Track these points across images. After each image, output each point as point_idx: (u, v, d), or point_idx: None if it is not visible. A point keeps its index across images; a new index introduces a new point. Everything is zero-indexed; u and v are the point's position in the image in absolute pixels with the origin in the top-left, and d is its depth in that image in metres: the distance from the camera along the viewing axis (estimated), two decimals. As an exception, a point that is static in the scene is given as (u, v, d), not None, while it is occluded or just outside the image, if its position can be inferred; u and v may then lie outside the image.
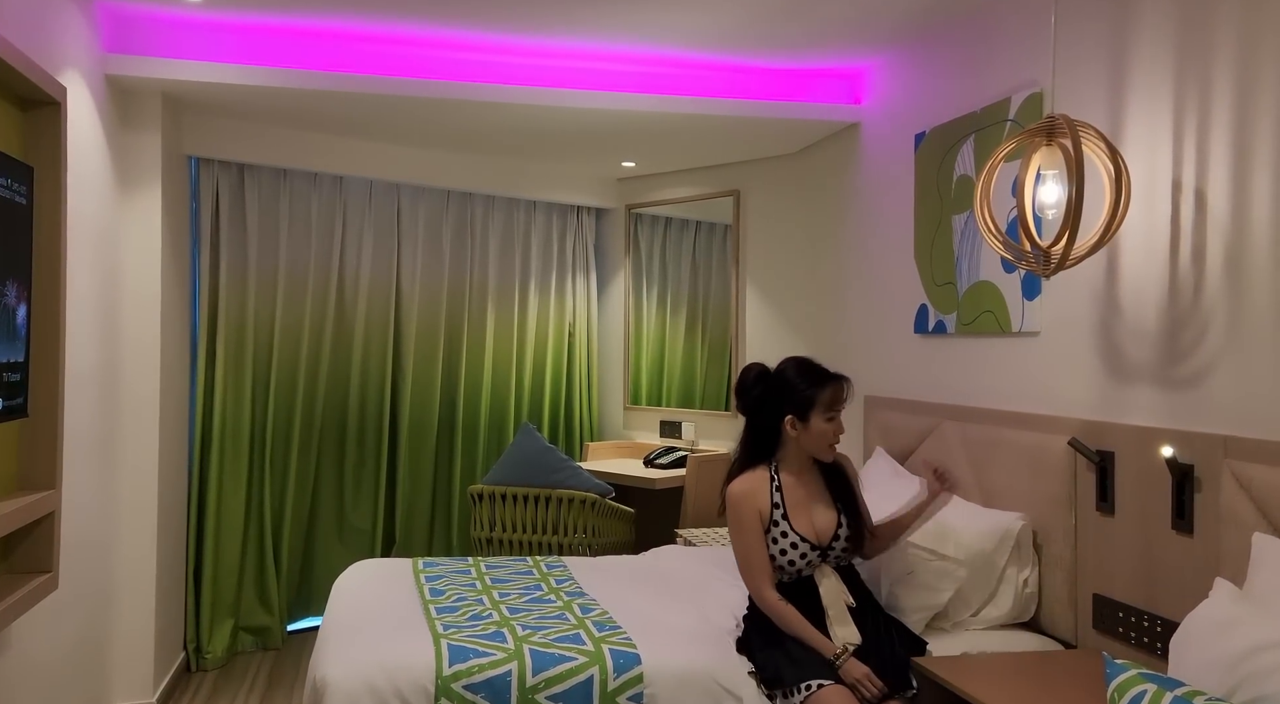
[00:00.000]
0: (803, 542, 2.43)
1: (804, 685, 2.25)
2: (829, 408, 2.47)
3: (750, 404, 2.56)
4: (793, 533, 2.43)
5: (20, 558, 2.36)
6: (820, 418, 2.47)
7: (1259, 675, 1.60)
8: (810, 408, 2.47)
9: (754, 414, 2.56)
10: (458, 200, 4.82)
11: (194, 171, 4.01)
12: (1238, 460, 2.07)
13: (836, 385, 2.48)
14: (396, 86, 3.50)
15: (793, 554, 2.43)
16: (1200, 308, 2.25)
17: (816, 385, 2.48)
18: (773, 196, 4.57)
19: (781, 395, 2.50)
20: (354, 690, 2.22)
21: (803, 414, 2.48)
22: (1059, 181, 2.38)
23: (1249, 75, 2.13)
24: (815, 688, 2.24)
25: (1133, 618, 2.36)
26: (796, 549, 2.43)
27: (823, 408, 2.47)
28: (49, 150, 2.39)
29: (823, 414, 2.47)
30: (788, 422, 2.48)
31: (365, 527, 4.54)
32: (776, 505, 2.47)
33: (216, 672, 3.92)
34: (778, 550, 2.45)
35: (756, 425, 2.55)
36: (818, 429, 2.48)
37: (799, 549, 2.43)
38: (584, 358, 5.26)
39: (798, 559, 2.44)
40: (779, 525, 2.45)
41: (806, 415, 2.47)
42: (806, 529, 2.45)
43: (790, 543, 2.43)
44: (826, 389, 2.47)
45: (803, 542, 2.43)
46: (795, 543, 2.43)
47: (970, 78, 3.18)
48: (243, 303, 4.12)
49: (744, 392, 2.57)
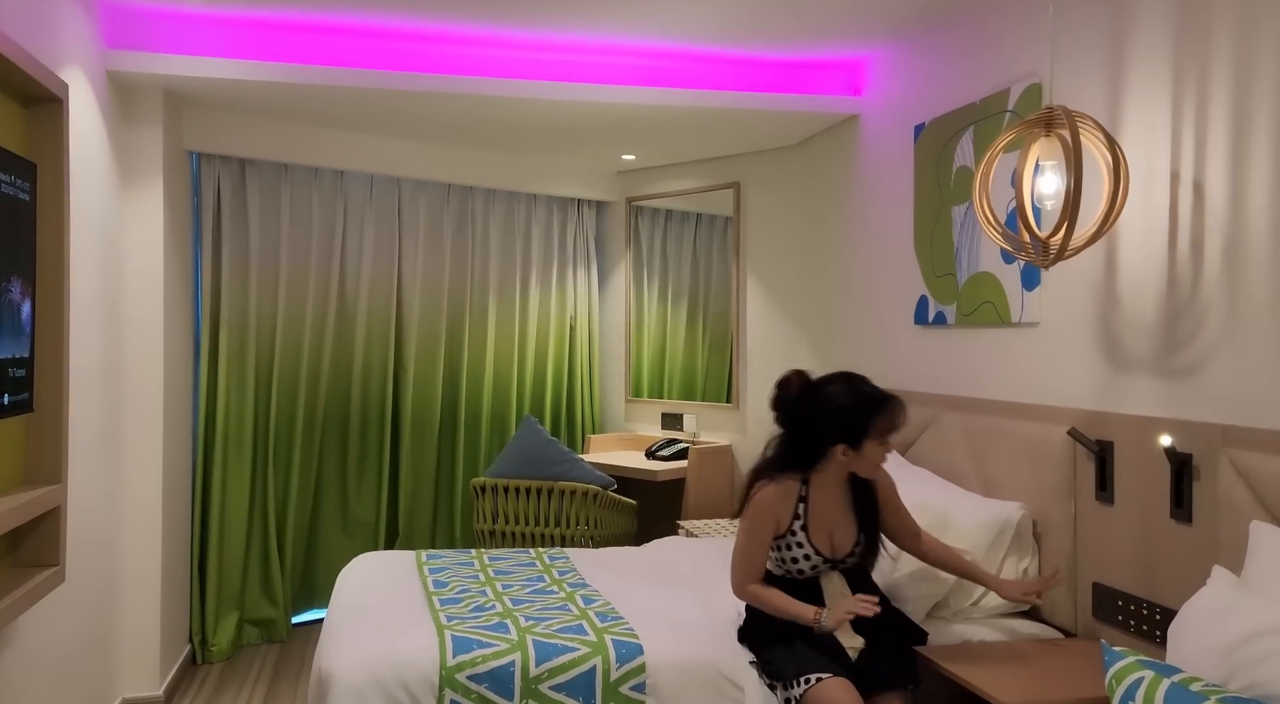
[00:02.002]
0: (816, 554, 2.40)
1: (804, 679, 2.26)
2: (884, 434, 2.35)
3: (792, 418, 2.41)
4: (808, 545, 2.39)
5: (27, 552, 2.37)
6: (874, 444, 2.35)
7: (1255, 661, 1.61)
8: (865, 436, 2.33)
9: (795, 427, 2.41)
10: (458, 194, 4.83)
11: (195, 167, 4.02)
12: (1236, 449, 2.08)
13: (892, 412, 2.34)
14: (397, 81, 3.50)
15: (802, 563, 2.40)
16: (1198, 298, 2.26)
17: (873, 413, 2.33)
18: (773, 189, 4.57)
19: (833, 420, 2.34)
20: (358, 682, 2.23)
21: (856, 442, 2.34)
22: (1057, 172, 2.39)
23: (1247, 65, 2.14)
24: (814, 681, 2.25)
25: (1132, 606, 2.37)
26: (808, 560, 2.40)
27: (878, 435, 2.34)
28: (51, 147, 2.40)
29: (878, 440, 2.35)
30: (839, 450, 2.35)
31: (368, 520, 4.56)
32: (798, 517, 2.39)
33: (222, 664, 3.95)
34: (789, 557, 2.41)
35: (797, 439, 2.41)
36: (871, 455, 2.36)
37: (810, 560, 2.40)
38: (585, 351, 5.27)
39: (806, 567, 2.41)
40: (795, 536, 2.39)
41: (860, 443, 2.34)
42: (823, 544, 2.40)
43: (803, 553, 2.39)
44: (883, 417, 2.33)
45: (816, 554, 2.40)
46: (808, 555, 2.39)
47: (969, 69, 3.18)
48: (245, 297, 4.13)
49: (786, 404, 2.42)
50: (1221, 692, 1.56)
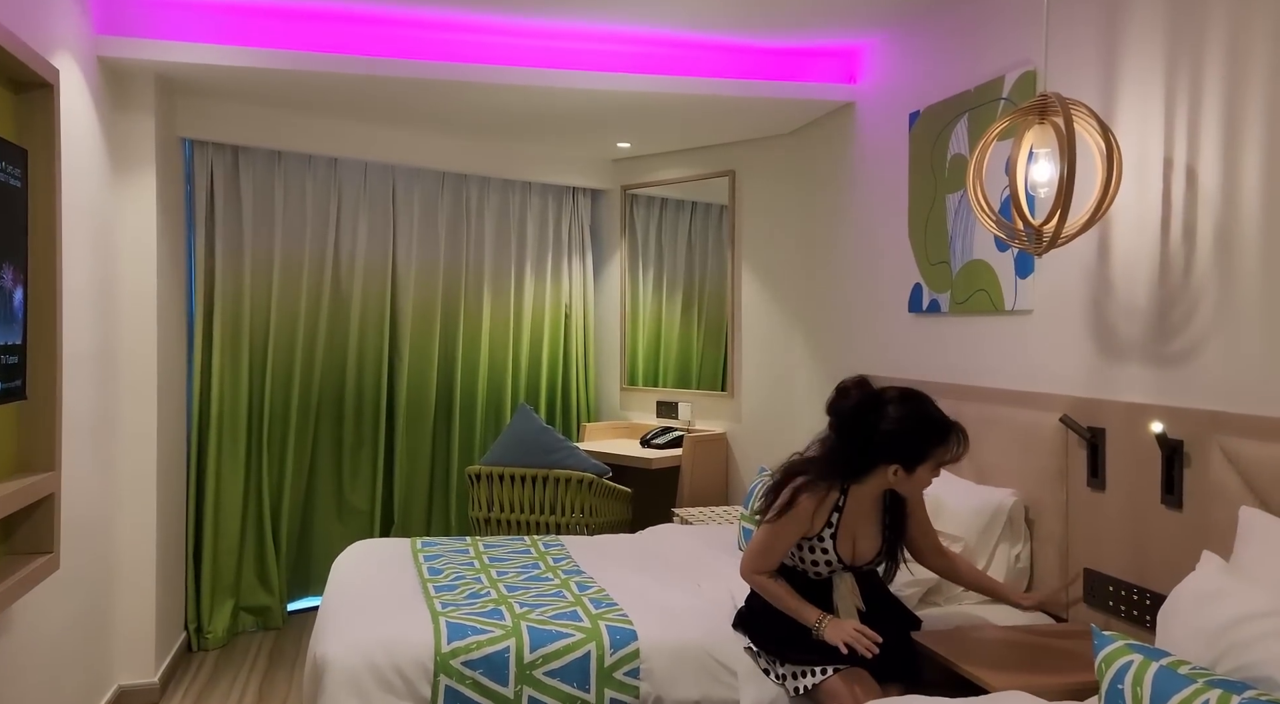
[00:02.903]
0: (838, 561, 2.38)
1: (820, 669, 2.27)
2: (941, 462, 2.30)
3: (847, 427, 2.33)
4: (832, 552, 2.37)
5: (21, 539, 2.37)
6: (928, 469, 2.30)
7: (1242, 645, 1.62)
8: (922, 462, 2.28)
9: (848, 438, 2.32)
10: (453, 182, 4.82)
11: (188, 154, 4.01)
12: (1226, 435, 2.09)
13: (954, 442, 2.29)
14: (391, 67, 3.49)
15: (822, 566, 2.39)
16: (1190, 285, 2.26)
17: (936, 442, 2.28)
18: (768, 177, 4.57)
19: (894, 440, 2.27)
20: (354, 668, 2.24)
21: (911, 466, 2.29)
22: (1051, 160, 2.39)
23: (1240, 53, 2.14)
24: (831, 671, 2.26)
25: (1123, 592, 2.39)
26: (829, 565, 2.38)
27: (934, 462, 2.29)
28: (42, 133, 2.39)
29: (932, 467, 2.30)
30: (891, 470, 2.29)
31: (364, 507, 4.56)
32: (829, 524, 2.35)
33: (218, 651, 3.95)
34: (809, 558, 2.38)
35: (847, 450, 2.32)
36: (921, 479, 2.32)
37: (831, 566, 2.38)
38: (580, 339, 5.27)
39: (824, 571, 2.39)
40: (822, 542, 2.36)
41: (915, 468, 2.29)
42: (846, 552, 2.38)
43: (825, 558, 2.37)
44: (944, 447, 2.28)
45: (838, 561, 2.38)
46: (830, 560, 2.37)
47: (964, 57, 3.18)
48: (239, 285, 4.12)
49: (843, 413, 2.34)
50: (1209, 674, 1.57)
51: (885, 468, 2.30)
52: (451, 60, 3.59)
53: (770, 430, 4.51)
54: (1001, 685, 2.04)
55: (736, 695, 2.36)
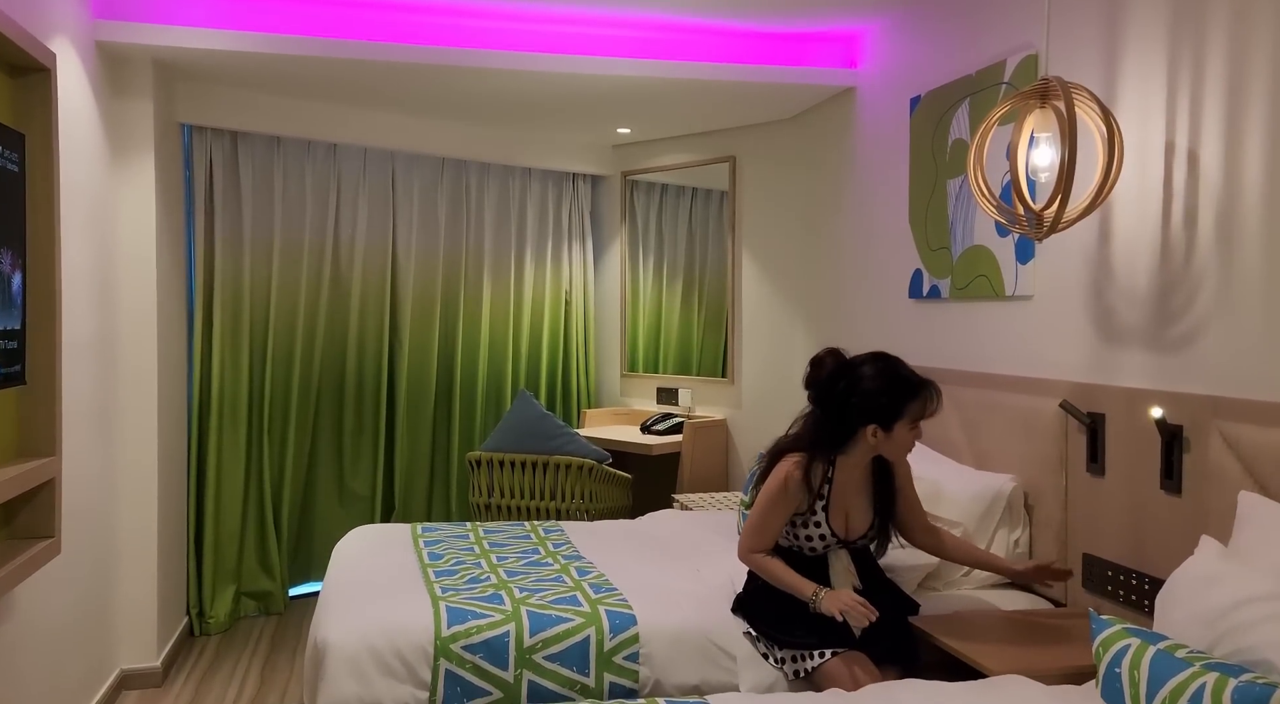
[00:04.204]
0: (831, 535, 2.40)
1: (818, 653, 2.28)
2: (917, 418, 2.34)
3: (824, 397, 2.38)
4: (825, 526, 2.39)
5: (22, 524, 2.38)
6: (905, 428, 2.33)
7: (1240, 629, 1.63)
8: (897, 419, 2.32)
9: (827, 407, 2.38)
10: (453, 168, 4.81)
11: (187, 139, 3.99)
12: (1226, 420, 2.09)
13: (926, 396, 2.33)
14: (390, 52, 3.47)
15: (816, 541, 2.40)
16: (1191, 270, 2.26)
17: (908, 396, 2.31)
18: (769, 162, 4.56)
19: (867, 401, 2.31)
20: (355, 652, 2.25)
21: (888, 425, 2.32)
22: (1052, 144, 2.38)
23: (1242, 37, 2.12)
24: (829, 655, 2.27)
25: (1121, 576, 2.39)
26: (822, 540, 2.40)
27: (910, 419, 2.33)
28: (40, 117, 2.38)
29: (909, 424, 2.34)
30: (869, 431, 2.33)
31: (365, 493, 4.57)
32: (820, 498, 2.38)
33: (219, 636, 3.97)
34: (803, 534, 2.40)
35: (828, 420, 2.37)
36: (901, 439, 2.34)
37: (825, 541, 2.40)
38: (581, 325, 5.27)
39: (819, 546, 2.41)
40: (815, 515, 2.38)
41: (891, 426, 2.33)
42: (839, 526, 2.40)
43: (819, 533, 2.39)
44: (917, 401, 2.32)
45: (831, 535, 2.40)
46: (824, 535, 2.39)
47: (966, 41, 3.16)
48: (238, 271, 4.12)
49: (818, 384, 2.40)
50: (1206, 658, 1.58)
51: (864, 431, 2.34)
52: (451, 45, 3.57)
53: (770, 417, 4.50)
54: (1000, 669, 2.05)
55: (735, 680, 2.37)
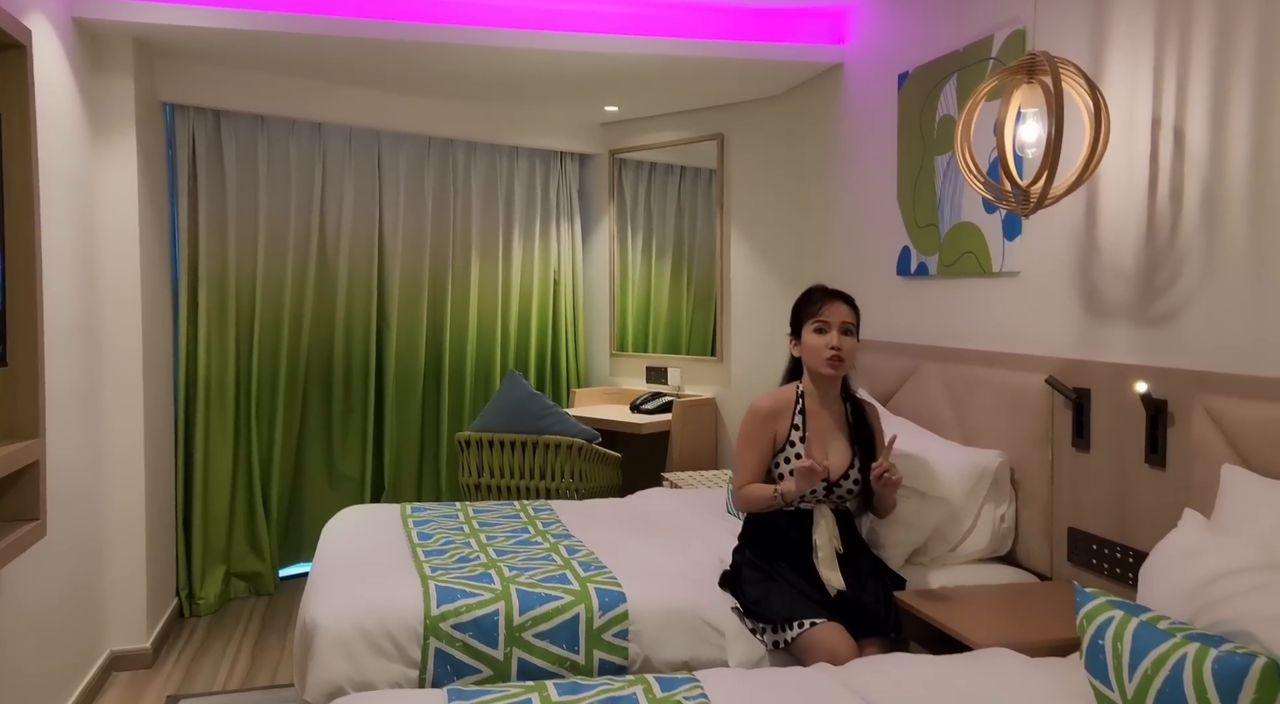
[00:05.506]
0: None
1: (795, 623, 2.29)
2: (814, 319, 2.53)
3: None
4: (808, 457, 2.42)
5: (7, 507, 2.37)
6: (810, 332, 2.54)
7: (1220, 601, 1.64)
8: (801, 324, 2.56)
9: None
10: (439, 147, 4.77)
11: (169, 118, 3.95)
12: (1210, 395, 2.10)
13: (810, 298, 2.57)
14: (374, 29, 3.43)
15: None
16: (1177, 245, 2.26)
17: (800, 304, 2.59)
18: (756, 140, 4.54)
19: (790, 325, 2.62)
20: (344, 632, 2.25)
21: (796, 332, 2.58)
22: (1039, 120, 2.37)
23: (1229, 12, 2.12)
24: (808, 625, 2.28)
25: (1105, 550, 2.41)
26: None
27: (810, 322, 2.54)
28: (16, 95, 2.35)
29: (811, 328, 2.53)
30: (792, 347, 2.60)
31: (354, 474, 4.57)
32: (796, 427, 2.52)
33: (209, 617, 3.98)
34: (789, 471, 2.48)
35: (790, 360, 2.66)
36: (809, 344, 2.54)
37: None
38: (569, 305, 5.26)
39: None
40: (795, 447, 2.50)
41: (799, 332, 2.57)
42: (820, 458, 2.40)
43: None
44: (808, 305, 2.56)
45: None
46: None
47: (953, 16, 3.14)
48: (223, 251, 4.09)
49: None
50: (1187, 629, 1.59)
51: (792, 351, 2.61)
52: (436, 22, 3.53)
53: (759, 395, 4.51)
54: (984, 642, 2.07)
55: (725, 655, 2.38)
